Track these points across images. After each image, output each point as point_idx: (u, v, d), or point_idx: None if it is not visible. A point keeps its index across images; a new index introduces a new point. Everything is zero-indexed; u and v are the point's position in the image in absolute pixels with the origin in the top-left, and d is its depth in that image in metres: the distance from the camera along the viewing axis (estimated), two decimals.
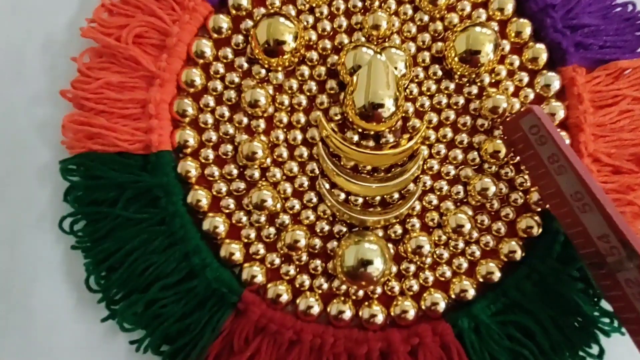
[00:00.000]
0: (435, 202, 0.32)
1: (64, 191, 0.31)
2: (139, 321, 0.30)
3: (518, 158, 0.31)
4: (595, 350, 0.30)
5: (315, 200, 0.31)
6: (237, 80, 0.32)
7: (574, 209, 0.27)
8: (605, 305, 0.30)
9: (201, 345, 0.29)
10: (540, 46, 0.32)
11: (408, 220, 0.31)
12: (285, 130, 0.32)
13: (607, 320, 0.30)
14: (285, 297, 0.30)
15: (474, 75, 0.32)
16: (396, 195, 0.32)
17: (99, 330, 0.31)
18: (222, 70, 0.32)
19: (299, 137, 0.32)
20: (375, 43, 0.32)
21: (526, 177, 0.31)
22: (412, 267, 0.31)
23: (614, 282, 0.26)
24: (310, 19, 0.33)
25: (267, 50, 0.31)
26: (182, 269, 0.30)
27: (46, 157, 0.32)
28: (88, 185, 0.31)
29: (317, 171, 0.32)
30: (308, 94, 0.32)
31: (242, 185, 0.31)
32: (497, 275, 0.31)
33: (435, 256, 0.31)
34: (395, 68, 0.31)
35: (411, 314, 0.30)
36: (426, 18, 0.33)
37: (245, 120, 0.32)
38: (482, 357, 0.29)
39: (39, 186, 0.32)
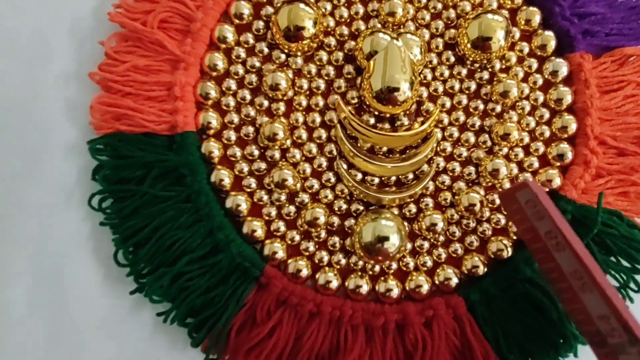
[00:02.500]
0: (448, 182, 0.33)
1: (92, 170, 0.32)
2: (166, 294, 0.31)
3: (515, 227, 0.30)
4: None
5: (333, 180, 0.33)
6: (257, 64, 0.33)
7: (574, 287, 0.26)
8: (612, 280, 0.32)
9: (225, 317, 0.30)
10: (549, 33, 0.33)
11: (422, 199, 0.33)
12: (304, 113, 0.33)
13: None
14: (305, 272, 0.32)
15: (485, 61, 0.33)
16: (411, 176, 0.33)
17: (126, 304, 0.33)
18: (243, 55, 0.33)
19: (318, 119, 0.33)
20: (390, 30, 0.33)
21: (534, 158, 0.33)
22: (426, 244, 0.33)
23: None
24: (328, 6, 0.34)
25: (288, 35, 0.32)
26: (207, 244, 0.31)
27: (73, 137, 0.34)
28: (116, 164, 0.32)
29: (335, 152, 0.33)
30: (326, 78, 0.33)
31: (263, 166, 0.33)
32: (507, 252, 0.32)
33: (448, 234, 0.33)
34: (411, 53, 0.32)
35: (425, 288, 0.32)
36: (439, 6, 0.34)
37: (265, 103, 0.33)
38: (493, 329, 0.31)
39: (67, 165, 0.33)
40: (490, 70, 0.34)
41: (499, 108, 0.33)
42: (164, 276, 0.30)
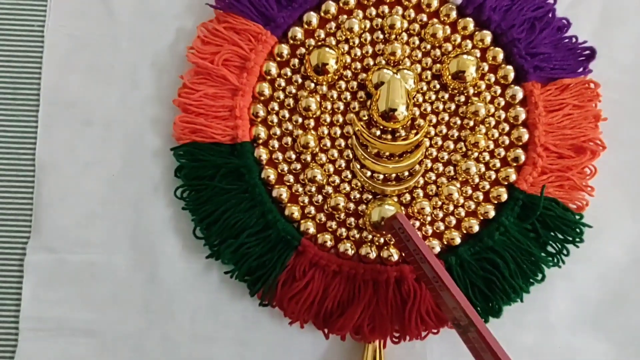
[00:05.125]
0: (433, 178, 0.45)
1: (175, 169, 0.44)
2: (231, 258, 0.43)
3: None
4: (539, 277, 0.44)
5: (349, 176, 0.45)
6: (294, 91, 0.45)
7: (435, 287, 0.36)
8: (550, 248, 0.44)
9: (274, 275, 0.42)
10: (510, 67, 0.45)
11: (414, 190, 0.45)
12: (328, 127, 0.45)
13: (550, 258, 0.44)
14: (329, 243, 0.44)
15: (462, 88, 0.45)
16: (406, 173, 0.45)
17: (199, 267, 0.45)
18: (283, 84, 0.45)
19: (338, 132, 0.45)
20: (392, 64, 0.45)
21: (497, 160, 0.45)
22: (417, 223, 0.45)
23: (467, 339, 0.34)
24: (346, 47, 0.45)
25: (317, 70, 0.44)
26: (260, 223, 0.43)
27: (157, 145, 0.45)
28: (193, 166, 0.43)
29: (351, 156, 0.45)
30: (344, 101, 0.45)
31: (299, 166, 0.45)
32: (476, 228, 0.44)
33: (433, 215, 0.45)
34: (407, 84, 0.43)
35: None
36: (429, 46, 0.45)
37: (300, 120, 0.45)
38: (465, 284, 0.43)
39: (153, 166, 0.45)
40: (465, 94, 0.45)
41: (472, 123, 0.45)
42: (231, 246, 0.43)
